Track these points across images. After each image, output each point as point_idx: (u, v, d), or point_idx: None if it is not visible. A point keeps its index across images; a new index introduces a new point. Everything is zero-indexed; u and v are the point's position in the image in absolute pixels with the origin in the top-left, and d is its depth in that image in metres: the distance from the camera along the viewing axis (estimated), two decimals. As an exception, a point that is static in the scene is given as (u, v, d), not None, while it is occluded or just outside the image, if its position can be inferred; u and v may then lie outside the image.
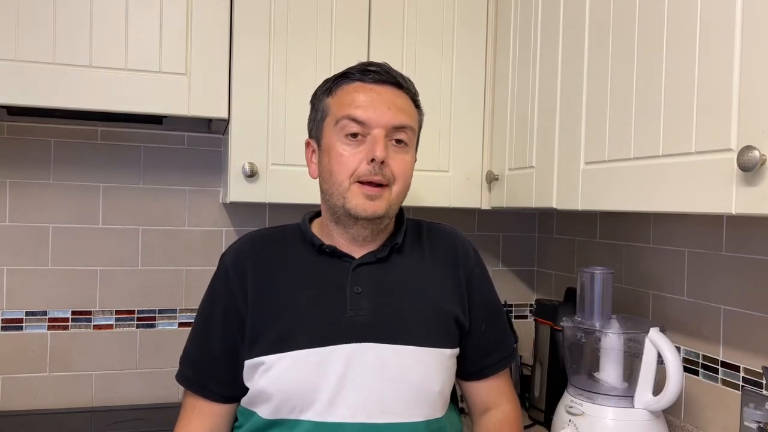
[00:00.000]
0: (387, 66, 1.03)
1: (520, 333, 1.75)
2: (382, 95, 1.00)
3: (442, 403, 1.03)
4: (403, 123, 1.00)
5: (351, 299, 1.00)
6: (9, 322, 1.54)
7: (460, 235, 1.16)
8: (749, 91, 0.77)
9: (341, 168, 0.98)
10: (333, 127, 1.00)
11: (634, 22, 0.99)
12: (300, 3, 1.39)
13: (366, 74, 1.01)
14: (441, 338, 1.03)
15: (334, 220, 1.04)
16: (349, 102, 0.99)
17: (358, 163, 0.98)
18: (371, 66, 1.02)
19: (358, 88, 1.00)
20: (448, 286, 1.07)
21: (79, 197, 1.58)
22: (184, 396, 1.06)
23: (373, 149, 0.97)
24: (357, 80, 1.01)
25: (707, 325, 1.25)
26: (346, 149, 0.99)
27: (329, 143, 1.00)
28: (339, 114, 0.99)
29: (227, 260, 1.06)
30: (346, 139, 0.99)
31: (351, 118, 0.98)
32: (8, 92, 1.23)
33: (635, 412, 1.15)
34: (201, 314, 1.07)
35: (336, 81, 1.03)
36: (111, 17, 1.28)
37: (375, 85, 1.00)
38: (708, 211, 0.83)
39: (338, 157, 0.99)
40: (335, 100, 1.01)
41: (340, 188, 0.99)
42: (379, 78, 1.01)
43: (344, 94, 1.01)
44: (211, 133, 1.66)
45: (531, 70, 1.32)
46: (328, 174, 1.01)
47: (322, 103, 1.04)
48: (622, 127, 1.02)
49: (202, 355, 1.04)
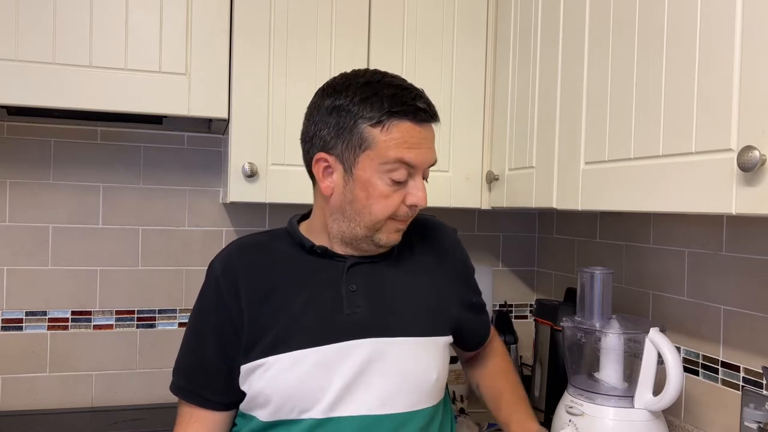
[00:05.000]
0: (427, 99, 1.00)
1: (520, 333, 1.75)
2: (428, 137, 0.99)
3: (439, 390, 1.04)
4: (435, 160, 1.01)
5: (347, 297, 1.00)
6: (9, 322, 1.54)
7: (445, 226, 1.19)
8: (749, 91, 0.77)
9: (382, 209, 0.97)
10: (378, 165, 0.96)
11: (634, 22, 0.99)
12: (300, 3, 1.39)
13: (417, 114, 0.96)
14: (435, 327, 1.05)
15: (340, 236, 1.03)
16: (401, 144, 0.95)
17: (399, 204, 0.98)
18: (420, 102, 0.97)
19: (410, 130, 0.96)
20: (438, 276, 1.10)
21: (79, 197, 1.58)
22: (179, 405, 1.05)
23: (416, 195, 0.98)
24: (408, 120, 0.96)
25: (707, 325, 1.25)
26: (388, 190, 0.97)
27: (368, 178, 0.97)
28: (390, 155, 0.95)
29: (217, 269, 1.03)
30: (391, 182, 0.97)
31: (404, 162, 0.96)
32: (8, 92, 1.23)
33: (635, 412, 1.15)
34: (193, 324, 1.05)
35: (387, 115, 0.95)
36: (111, 17, 1.28)
37: (423, 127, 0.98)
38: (708, 211, 0.83)
39: (380, 197, 0.97)
40: (385, 136, 0.95)
41: (375, 224, 0.99)
42: (427, 118, 0.98)
43: (397, 133, 0.96)
44: (211, 133, 1.66)
45: (531, 70, 1.32)
46: (362, 208, 0.98)
47: (360, 129, 0.96)
48: (622, 127, 1.02)
49: (196, 365, 1.03)
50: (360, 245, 1.03)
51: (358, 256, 1.04)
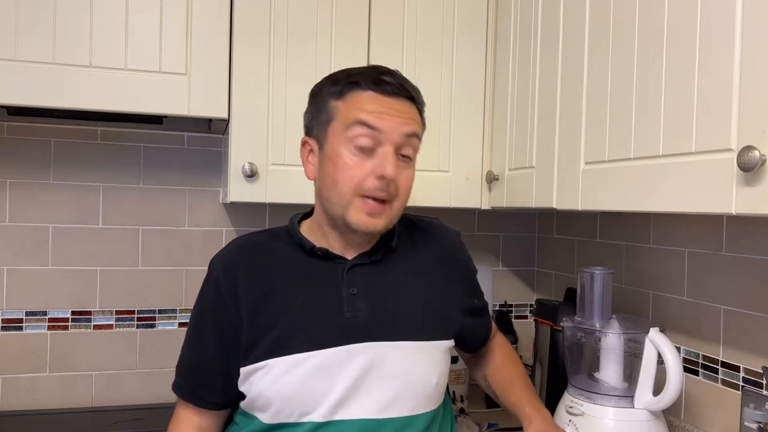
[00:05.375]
0: (400, 77, 0.98)
1: (520, 333, 1.75)
2: (395, 107, 0.96)
3: (439, 394, 1.04)
4: (414, 131, 0.97)
5: (348, 300, 0.99)
6: (9, 322, 1.54)
7: (448, 230, 1.18)
8: (749, 91, 0.77)
9: (347, 179, 0.94)
10: (341, 133, 0.96)
11: (634, 22, 0.99)
12: (300, 3, 1.39)
13: (380, 85, 0.95)
14: (436, 331, 1.04)
15: (330, 225, 1.02)
16: (361, 107, 0.95)
17: (365, 176, 0.94)
18: (385, 76, 0.96)
19: (372, 98, 0.95)
20: (440, 280, 1.09)
21: (79, 197, 1.58)
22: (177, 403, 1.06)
23: (383, 165, 0.94)
24: (371, 90, 0.96)
25: (707, 325, 1.25)
26: (353, 159, 0.95)
27: (335, 149, 0.96)
28: (350, 118, 0.95)
29: (217, 269, 1.03)
30: (356, 149, 0.95)
31: (363, 122, 0.94)
32: (8, 92, 1.23)
33: (635, 412, 1.15)
34: (193, 324, 1.05)
35: (350, 85, 0.97)
36: (111, 17, 1.28)
37: (388, 98, 0.96)
38: (708, 211, 0.83)
39: (345, 167, 0.95)
40: (346, 105, 0.96)
41: (342, 200, 0.96)
42: (392, 90, 0.96)
43: (358, 99, 0.96)
44: (211, 133, 1.66)
45: (531, 70, 1.32)
46: (331, 182, 0.97)
47: (328, 104, 0.98)
48: (622, 127, 1.02)
49: (195, 364, 1.03)
50: (344, 234, 1.01)
51: (358, 256, 1.04)
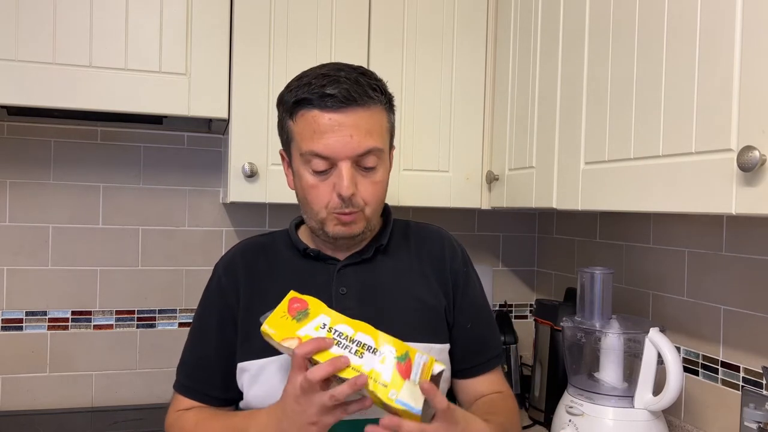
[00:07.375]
0: (350, 81, 0.93)
1: (520, 333, 1.75)
2: (344, 123, 0.92)
3: None
4: (368, 148, 0.94)
5: (336, 301, 1.00)
6: (9, 322, 1.54)
7: (447, 235, 1.16)
8: (749, 91, 0.77)
9: (314, 199, 0.97)
10: (299, 156, 0.97)
11: (634, 22, 0.99)
12: (300, 3, 1.39)
13: (324, 100, 0.92)
14: (428, 334, 1.03)
15: (315, 232, 1.04)
16: (310, 135, 0.94)
17: (329, 195, 0.96)
18: (330, 87, 0.92)
19: (317, 118, 0.93)
20: (433, 284, 1.08)
21: (79, 197, 1.58)
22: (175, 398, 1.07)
23: (340, 185, 0.94)
24: (315, 108, 0.93)
25: (707, 325, 1.25)
26: (314, 180, 0.96)
27: (298, 170, 0.98)
28: (303, 148, 0.95)
29: (219, 269, 1.08)
30: (314, 172, 0.96)
31: (314, 154, 0.94)
32: (8, 92, 1.23)
33: (635, 412, 1.15)
34: (196, 323, 1.08)
35: (295, 105, 0.95)
36: (111, 17, 1.28)
37: (334, 114, 0.92)
38: (708, 211, 0.83)
39: (310, 188, 0.97)
40: (297, 129, 0.96)
41: (316, 216, 0.99)
42: (338, 105, 0.92)
43: (305, 124, 0.94)
44: (211, 133, 1.66)
45: (531, 70, 1.32)
46: (302, 200, 1.00)
47: (285, 123, 0.99)
48: (622, 127, 1.02)
49: (198, 362, 1.05)
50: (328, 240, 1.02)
51: (349, 256, 1.05)
